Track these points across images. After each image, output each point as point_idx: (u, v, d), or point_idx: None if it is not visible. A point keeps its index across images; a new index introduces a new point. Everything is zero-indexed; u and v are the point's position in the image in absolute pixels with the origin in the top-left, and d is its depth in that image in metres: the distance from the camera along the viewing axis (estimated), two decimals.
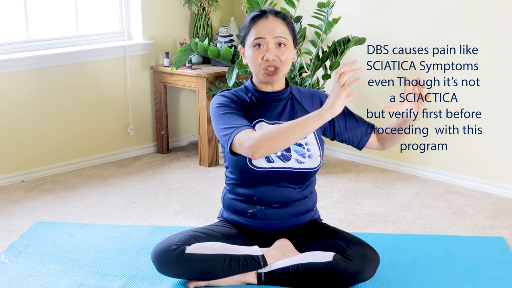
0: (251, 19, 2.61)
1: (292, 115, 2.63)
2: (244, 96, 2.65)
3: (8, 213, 3.54)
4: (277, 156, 2.56)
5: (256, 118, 2.60)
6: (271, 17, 2.59)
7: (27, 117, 4.09)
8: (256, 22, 2.58)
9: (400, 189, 3.89)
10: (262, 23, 2.57)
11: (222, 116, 2.53)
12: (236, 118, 2.50)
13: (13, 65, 3.98)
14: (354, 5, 4.28)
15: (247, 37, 2.60)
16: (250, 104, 2.63)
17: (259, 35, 2.56)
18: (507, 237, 3.19)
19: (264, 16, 2.59)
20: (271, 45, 2.55)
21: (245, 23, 2.64)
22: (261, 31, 2.56)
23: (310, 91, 2.74)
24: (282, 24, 2.59)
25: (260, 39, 2.55)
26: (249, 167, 2.56)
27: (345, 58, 4.27)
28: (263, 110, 2.62)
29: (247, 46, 2.61)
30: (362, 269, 2.48)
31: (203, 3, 4.61)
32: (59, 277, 2.73)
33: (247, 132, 2.41)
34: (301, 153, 2.59)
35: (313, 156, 2.60)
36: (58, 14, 4.31)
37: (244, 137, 2.39)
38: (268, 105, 2.63)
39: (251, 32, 2.58)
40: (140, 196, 3.81)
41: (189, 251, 2.48)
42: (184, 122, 4.90)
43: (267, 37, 2.55)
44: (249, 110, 2.61)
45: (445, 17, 3.89)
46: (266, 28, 2.56)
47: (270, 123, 2.60)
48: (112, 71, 4.45)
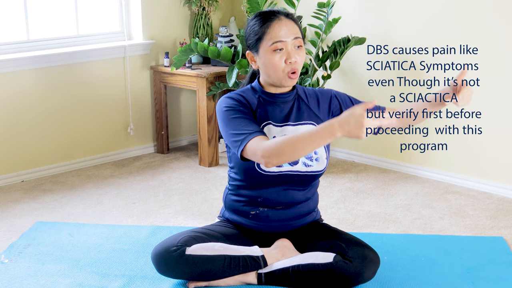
0: (262, 21, 2.51)
1: (299, 116, 2.61)
2: (252, 97, 2.59)
3: (8, 213, 3.54)
4: None
5: (264, 120, 2.57)
6: (284, 18, 2.51)
7: (27, 117, 4.09)
8: (271, 25, 2.49)
9: (400, 189, 3.89)
10: (278, 25, 2.48)
11: (232, 120, 2.46)
12: (247, 123, 2.44)
13: (13, 65, 3.98)
14: (354, 5, 4.28)
15: (262, 42, 2.50)
16: (258, 105, 2.58)
17: (278, 38, 2.47)
18: (507, 237, 3.19)
19: (277, 18, 2.50)
20: (290, 47, 2.48)
21: (254, 27, 2.53)
22: (279, 34, 2.47)
23: (315, 91, 2.71)
24: (295, 25, 2.53)
25: (280, 42, 2.46)
26: (257, 171, 2.53)
27: (345, 58, 4.27)
28: (270, 112, 2.59)
29: (262, 51, 2.51)
30: (362, 271, 2.48)
31: (203, 3, 4.61)
32: (59, 277, 2.73)
33: (260, 141, 2.34)
34: (309, 156, 2.57)
35: (320, 159, 2.59)
36: (58, 14, 4.31)
37: (258, 146, 2.33)
38: (275, 107, 2.60)
39: (267, 35, 2.48)
40: (140, 196, 3.81)
41: (189, 252, 2.48)
42: (184, 122, 4.90)
43: (287, 40, 2.47)
44: (257, 110, 2.58)
45: (445, 17, 3.89)
46: (284, 30, 2.48)
47: (278, 125, 2.57)
48: (112, 71, 4.45)
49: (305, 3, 4.26)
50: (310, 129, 2.34)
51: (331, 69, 4.11)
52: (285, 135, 2.39)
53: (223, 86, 4.18)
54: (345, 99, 2.70)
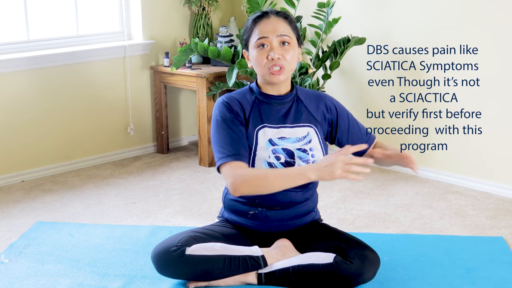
0: (252, 20, 2.59)
1: (297, 118, 2.61)
2: (248, 100, 2.61)
3: (8, 213, 3.54)
4: (280, 163, 2.54)
5: (258, 124, 2.58)
6: (273, 17, 2.57)
7: (27, 117, 4.09)
8: (258, 23, 2.56)
9: (400, 189, 3.89)
10: (264, 23, 2.55)
11: (220, 132, 2.53)
12: (231, 141, 2.50)
13: (13, 65, 3.98)
14: (354, 5, 4.28)
15: (250, 39, 2.58)
16: (253, 108, 2.60)
17: (262, 34, 2.53)
18: (507, 237, 3.19)
19: (266, 16, 2.57)
20: (275, 43, 2.53)
21: (247, 25, 2.62)
22: (263, 31, 2.53)
23: (316, 94, 2.71)
24: (285, 23, 2.56)
25: (263, 38, 2.53)
26: None
27: (345, 58, 4.27)
28: (266, 114, 2.60)
29: (250, 48, 2.58)
30: (362, 271, 2.48)
31: (203, 3, 4.61)
32: (59, 277, 2.73)
33: (234, 168, 2.44)
34: (305, 159, 2.57)
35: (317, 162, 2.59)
36: (58, 14, 4.31)
37: (229, 173, 2.44)
38: (272, 108, 2.61)
39: (254, 33, 2.56)
40: (140, 196, 3.81)
41: (189, 252, 2.48)
42: (184, 122, 4.90)
43: (270, 36, 2.53)
44: (251, 115, 2.59)
45: (445, 17, 3.89)
46: (269, 27, 2.54)
47: (274, 127, 2.58)
48: (112, 71, 4.45)
49: (305, 3, 4.26)
50: (286, 169, 2.45)
51: (331, 69, 4.11)
52: (262, 170, 2.49)
53: (223, 86, 4.18)
54: (343, 115, 2.71)
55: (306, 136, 2.59)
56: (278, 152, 2.55)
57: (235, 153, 2.48)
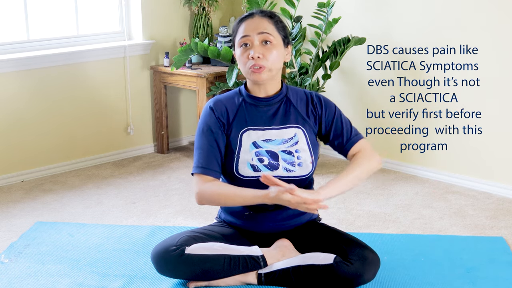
0: (239, 20, 2.60)
1: (285, 119, 2.60)
2: (235, 102, 2.61)
3: (8, 213, 3.54)
4: (264, 165, 2.53)
5: (243, 127, 2.58)
6: (257, 16, 2.57)
7: (27, 117, 4.09)
8: (243, 22, 2.57)
9: (400, 189, 3.89)
10: (248, 22, 2.56)
11: (199, 141, 2.59)
12: (205, 154, 2.55)
13: (13, 65, 3.98)
14: (354, 5, 4.28)
15: (235, 39, 2.60)
16: (238, 111, 2.60)
17: (244, 33, 2.54)
18: (507, 237, 3.19)
19: (251, 16, 2.58)
20: (256, 42, 2.52)
21: (233, 26, 2.64)
22: (246, 29, 2.54)
23: (306, 93, 2.68)
24: (268, 22, 2.55)
25: (245, 37, 2.53)
26: (235, 175, 2.56)
27: (345, 58, 4.27)
28: (251, 117, 2.59)
29: (236, 48, 2.60)
30: (362, 272, 2.47)
31: (203, 3, 4.61)
32: (59, 277, 2.73)
33: (202, 181, 2.53)
34: (290, 161, 2.56)
35: (304, 164, 2.57)
36: (58, 14, 4.31)
37: (196, 184, 2.54)
38: (258, 110, 2.60)
39: (238, 32, 2.57)
40: (140, 196, 3.81)
41: (188, 251, 2.47)
42: (184, 122, 4.90)
43: (251, 34, 2.52)
44: (236, 118, 2.58)
45: (445, 17, 3.89)
46: (251, 26, 2.54)
47: (260, 129, 2.57)
48: (112, 71, 4.45)
49: (305, 3, 4.26)
50: (245, 190, 2.48)
51: (331, 69, 4.11)
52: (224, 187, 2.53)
53: (223, 86, 4.18)
54: (330, 110, 2.65)
55: (293, 137, 2.58)
56: (262, 155, 2.55)
57: (206, 167, 2.54)
